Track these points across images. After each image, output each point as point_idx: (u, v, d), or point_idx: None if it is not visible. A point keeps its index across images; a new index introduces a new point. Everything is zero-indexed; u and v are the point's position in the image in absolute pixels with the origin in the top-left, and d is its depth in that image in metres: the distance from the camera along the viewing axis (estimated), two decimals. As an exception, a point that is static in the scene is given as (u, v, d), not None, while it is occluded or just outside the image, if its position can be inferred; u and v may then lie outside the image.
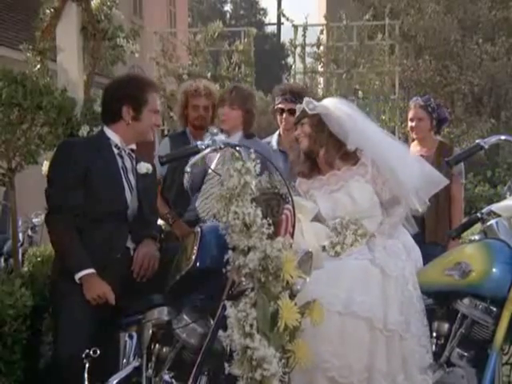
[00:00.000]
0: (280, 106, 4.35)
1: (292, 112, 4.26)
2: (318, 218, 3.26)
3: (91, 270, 2.90)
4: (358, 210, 3.24)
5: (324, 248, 3.10)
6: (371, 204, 3.28)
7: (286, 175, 4.25)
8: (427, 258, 3.26)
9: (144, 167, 3.16)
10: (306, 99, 3.44)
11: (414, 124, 4.58)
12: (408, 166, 3.30)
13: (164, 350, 2.83)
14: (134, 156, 3.17)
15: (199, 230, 2.69)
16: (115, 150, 3.12)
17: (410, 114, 4.61)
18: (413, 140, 4.65)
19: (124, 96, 3.11)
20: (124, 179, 3.10)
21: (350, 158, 3.33)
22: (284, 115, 4.34)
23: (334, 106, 3.39)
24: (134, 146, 3.20)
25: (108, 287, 2.90)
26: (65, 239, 2.96)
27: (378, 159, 3.29)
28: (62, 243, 2.99)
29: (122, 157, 3.13)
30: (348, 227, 3.18)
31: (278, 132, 4.49)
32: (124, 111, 3.11)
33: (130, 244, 3.09)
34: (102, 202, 2.99)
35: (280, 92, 4.40)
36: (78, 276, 2.89)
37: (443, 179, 3.39)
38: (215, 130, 3.37)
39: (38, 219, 6.45)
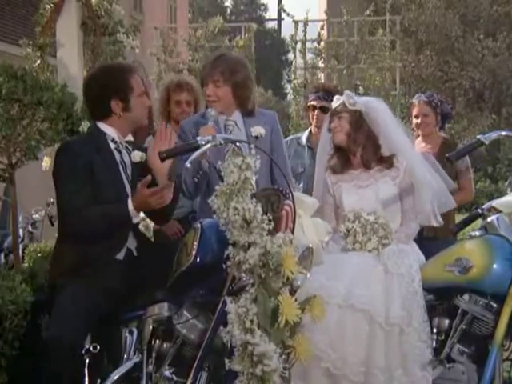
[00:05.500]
0: (312, 103, 4.39)
1: (324, 110, 4.34)
2: (341, 211, 3.31)
3: (129, 201, 2.88)
4: (380, 210, 3.25)
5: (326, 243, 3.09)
6: (393, 208, 3.30)
7: (311, 171, 4.32)
8: (426, 252, 3.26)
9: (138, 156, 3.07)
10: (346, 92, 3.42)
11: (419, 121, 4.58)
12: (429, 184, 3.33)
13: (164, 345, 2.82)
14: (131, 149, 3.12)
15: (199, 225, 2.68)
16: (112, 145, 3.08)
17: (415, 111, 4.61)
18: (417, 136, 4.65)
19: (108, 90, 3.04)
20: (123, 175, 3.08)
21: (386, 161, 3.34)
22: (316, 112, 4.37)
23: (375, 105, 3.37)
24: (130, 138, 3.16)
25: (142, 190, 2.85)
26: (97, 216, 2.91)
27: (410, 169, 3.31)
28: (98, 221, 2.92)
29: (120, 151, 3.09)
30: (377, 232, 3.16)
31: (309, 129, 4.54)
32: (113, 105, 3.05)
33: (131, 244, 3.07)
34: (102, 200, 2.97)
35: (313, 89, 4.48)
36: (132, 211, 2.87)
37: (452, 202, 3.43)
38: (213, 113, 3.24)
39: (38, 215, 6.46)
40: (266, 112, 3.59)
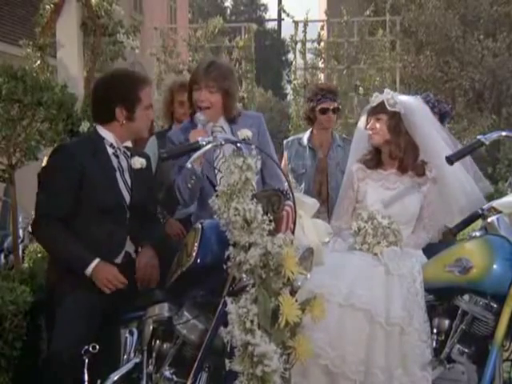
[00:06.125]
0: (323, 105, 4.38)
1: (335, 111, 4.38)
2: (360, 207, 3.30)
3: (97, 260, 2.89)
4: (402, 214, 3.26)
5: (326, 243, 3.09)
6: (413, 215, 3.31)
7: (313, 172, 4.34)
8: (426, 253, 3.26)
9: (138, 162, 3.09)
10: (386, 90, 3.39)
11: None
12: (460, 183, 3.31)
13: (165, 346, 2.82)
14: (129, 154, 3.12)
15: (200, 226, 2.68)
16: (110, 150, 3.07)
17: None
18: None
19: (116, 97, 3.03)
20: (121, 179, 3.06)
21: (419, 168, 3.33)
22: (329, 114, 4.38)
23: (413, 106, 3.33)
24: (129, 143, 3.15)
25: (112, 272, 2.89)
26: (60, 242, 2.93)
27: (441, 170, 3.30)
28: (57, 247, 2.96)
29: (117, 156, 3.08)
30: (387, 237, 3.14)
31: (310, 129, 4.55)
32: (117, 112, 3.03)
33: (129, 248, 3.07)
34: (98, 204, 2.96)
35: (320, 92, 4.45)
36: (88, 272, 2.87)
37: (481, 200, 3.39)
38: (202, 117, 3.21)
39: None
40: (251, 114, 3.61)
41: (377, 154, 3.39)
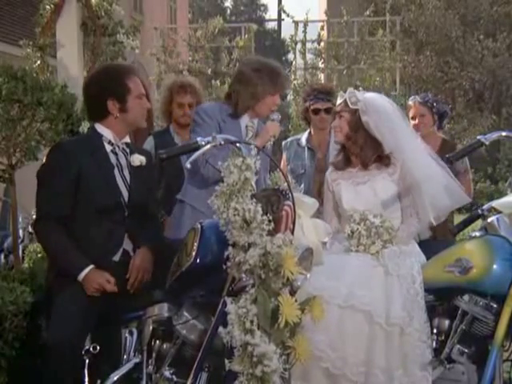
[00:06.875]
0: (316, 106, 4.38)
1: (328, 111, 4.36)
2: (341, 209, 3.32)
3: (90, 267, 2.89)
4: (380, 206, 3.25)
5: (325, 244, 3.09)
6: (393, 204, 3.30)
7: (312, 172, 4.35)
8: (426, 253, 3.26)
9: (137, 159, 3.08)
10: (350, 89, 3.44)
11: (416, 121, 4.59)
12: (434, 180, 3.29)
13: (164, 346, 2.82)
14: (128, 152, 3.11)
15: (199, 226, 2.68)
16: (108, 147, 3.06)
17: (411, 113, 4.61)
18: None
19: (105, 90, 3.03)
20: (119, 177, 3.05)
21: (384, 160, 3.35)
22: (321, 114, 4.39)
23: (375, 103, 3.36)
24: (127, 140, 3.15)
25: (104, 276, 2.89)
26: (57, 244, 2.94)
27: (407, 166, 3.30)
28: (55, 249, 2.97)
29: (116, 153, 3.06)
30: (381, 235, 3.14)
31: (308, 130, 4.56)
32: (109, 105, 3.03)
33: (127, 245, 3.07)
34: (96, 202, 2.96)
35: (313, 92, 4.46)
36: (80, 278, 2.88)
37: (465, 197, 3.38)
38: (276, 116, 3.47)
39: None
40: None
41: (345, 152, 3.42)
